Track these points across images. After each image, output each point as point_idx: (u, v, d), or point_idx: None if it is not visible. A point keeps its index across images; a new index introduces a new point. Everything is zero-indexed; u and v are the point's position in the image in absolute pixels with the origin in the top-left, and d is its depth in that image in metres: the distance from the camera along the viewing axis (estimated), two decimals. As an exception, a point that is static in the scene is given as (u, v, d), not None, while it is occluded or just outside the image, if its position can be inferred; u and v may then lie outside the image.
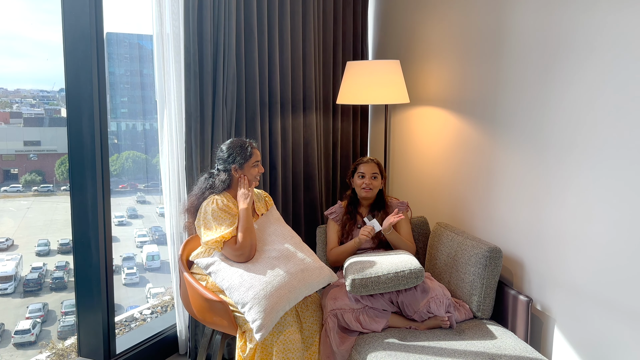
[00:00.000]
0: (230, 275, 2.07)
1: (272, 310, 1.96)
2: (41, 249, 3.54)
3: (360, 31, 3.37)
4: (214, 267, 2.13)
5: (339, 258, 2.51)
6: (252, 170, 2.25)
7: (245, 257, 2.10)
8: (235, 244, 2.10)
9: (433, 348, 2.04)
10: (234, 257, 2.11)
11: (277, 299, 1.99)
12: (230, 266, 2.10)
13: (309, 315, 2.23)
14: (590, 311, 2.04)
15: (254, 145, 2.28)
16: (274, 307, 1.97)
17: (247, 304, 1.98)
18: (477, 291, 2.28)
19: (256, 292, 1.98)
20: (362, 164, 2.61)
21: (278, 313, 1.99)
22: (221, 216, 2.14)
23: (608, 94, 1.92)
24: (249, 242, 2.10)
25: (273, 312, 1.97)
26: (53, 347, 2.76)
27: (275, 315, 1.98)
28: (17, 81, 3.42)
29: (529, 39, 2.29)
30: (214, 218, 2.14)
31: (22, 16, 3.14)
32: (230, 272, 2.08)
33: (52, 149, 3.51)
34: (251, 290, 1.99)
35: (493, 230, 2.56)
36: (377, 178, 2.59)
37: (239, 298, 2.00)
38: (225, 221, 2.13)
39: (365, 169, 2.58)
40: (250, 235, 2.11)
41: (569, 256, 2.13)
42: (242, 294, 2.00)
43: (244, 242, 2.09)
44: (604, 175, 1.96)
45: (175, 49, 2.41)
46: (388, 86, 2.79)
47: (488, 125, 2.56)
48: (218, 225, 2.12)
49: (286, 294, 2.02)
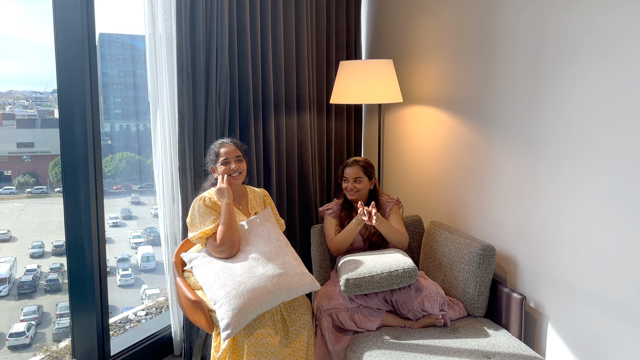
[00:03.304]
0: (208, 270, 2.07)
1: (242, 310, 1.91)
2: (35, 251, 3.52)
3: (353, 31, 3.38)
4: (195, 262, 2.14)
5: (341, 245, 2.49)
6: (219, 168, 2.26)
7: (226, 253, 2.10)
8: (215, 240, 2.11)
9: (427, 346, 2.05)
10: (216, 253, 2.12)
11: (248, 300, 1.93)
12: (210, 262, 2.10)
13: (296, 319, 2.15)
14: (584, 309, 2.05)
15: (224, 144, 2.28)
16: (243, 308, 1.92)
17: (217, 301, 1.96)
18: (471, 289, 2.29)
19: (228, 291, 1.96)
20: (347, 167, 2.59)
21: (248, 314, 1.93)
22: (206, 212, 2.17)
23: (601, 92, 1.94)
24: (228, 238, 2.10)
25: (242, 313, 1.91)
26: (47, 350, 2.75)
27: (244, 317, 1.92)
28: (10, 82, 3.41)
29: (521, 38, 2.30)
30: (199, 214, 2.17)
31: (14, 17, 3.13)
32: (208, 268, 2.08)
33: (45, 151, 3.50)
34: (223, 289, 1.97)
35: (487, 229, 2.57)
36: (361, 181, 2.56)
37: (212, 294, 1.99)
38: (209, 217, 2.16)
39: (348, 173, 2.57)
40: (230, 231, 2.11)
41: (562, 254, 2.14)
42: (215, 291, 1.99)
43: (223, 238, 2.09)
44: (596, 173, 1.97)
45: (167, 49, 2.41)
46: (381, 86, 2.80)
47: (481, 124, 2.57)
48: (202, 222, 2.15)
49: (259, 297, 1.95)
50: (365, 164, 2.59)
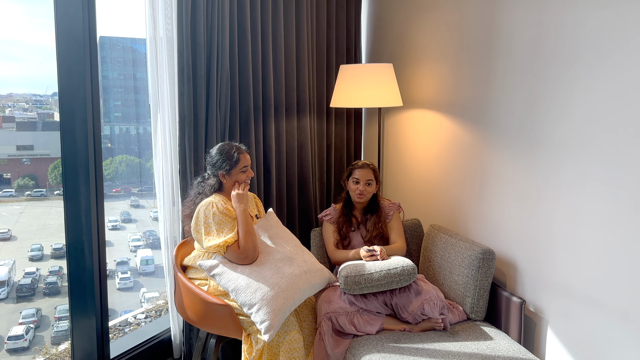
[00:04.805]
0: (235, 277, 2.07)
1: (280, 311, 1.99)
2: (34, 254, 3.52)
3: (353, 35, 3.39)
4: (217, 270, 2.11)
5: (340, 262, 2.52)
6: (240, 176, 2.25)
7: (249, 260, 2.11)
8: (238, 248, 2.10)
9: (427, 350, 2.05)
10: (238, 260, 2.10)
11: (284, 300, 2.02)
12: (235, 268, 2.10)
13: (307, 314, 2.28)
14: (583, 312, 2.05)
15: (242, 150, 2.26)
16: (281, 308, 2.00)
17: (255, 304, 1.99)
18: (471, 293, 2.29)
19: (264, 294, 2.00)
20: (358, 169, 2.59)
21: (285, 314, 2.02)
22: (222, 220, 2.13)
23: (599, 95, 1.94)
24: (251, 244, 2.11)
25: (280, 313, 2.00)
26: (46, 353, 2.74)
27: (282, 316, 2.01)
28: (10, 85, 3.41)
29: (520, 41, 2.31)
30: (215, 222, 2.12)
31: (16, 20, 3.13)
32: (235, 275, 2.08)
33: (45, 153, 3.50)
34: (259, 292, 2.00)
35: (486, 232, 2.57)
36: (372, 184, 2.58)
37: (246, 300, 2.00)
38: (227, 225, 2.13)
39: (360, 175, 2.57)
40: (251, 238, 2.12)
41: (561, 258, 2.14)
42: (250, 296, 2.00)
43: (246, 246, 2.10)
44: (595, 177, 1.97)
45: (168, 53, 2.42)
46: (381, 89, 2.80)
47: (481, 127, 2.58)
48: (220, 230, 2.12)
49: (292, 295, 2.06)
50: (374, 167, 2.61)
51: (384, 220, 2.60)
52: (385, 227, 2.59)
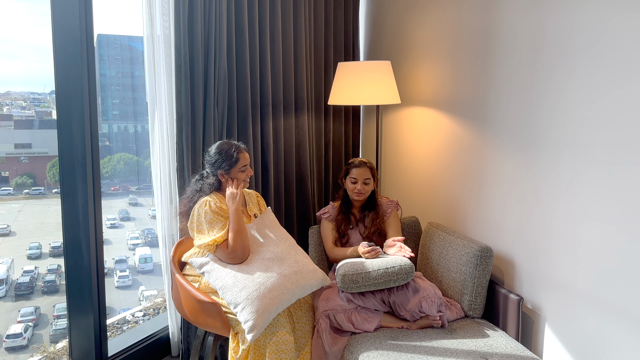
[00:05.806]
0: (223, 275, 2.07)
1: (265, 311, 1.97)
2: (32, 252, 3.51)
3: (351, 32, 3.38)
4: (207, 267, 2.12)
5: (338, 259, 2.51)
6: (239, 175, 2.24)
7: (238, 259, 2.10)
8: (227, 248, 2.10)
9: (425, 347, 2.05)
10: (227, 259, 2.10)
11: (270, 300, 1.99)
12: (224, 266, 2.10)
13: (302, 316, 2.23)
14: (581, 309, 2.05)
15: (241, 149, 2.25)
16: (266, 308, 1.97)
17: (239, 304, 1.98)
18: (469, 290, 2.29)
19: (249, 293, 1.98)
20: (355, 167, 2.58)
21: (270, 314, 1.99)
22: (213, 219, 2.13)
23: (598, 94, 1.94)
24: (240, 244, 2.10)
25: (265, 313, 1.97)
26: (45, 351, 2.74)
27: (267, 317, 1.98)
28: (8, 83, 3.40)
29: (519, 39, 2.31)
30: (207, 221, 2.13)
31: (12, 18, 3.12)
32: (223, 272, 2.08)
33: (43, 152, 3.49)
34: (244, 291, 1.99)
35: (484, 230, 2.57)
36: (369, 183, 2.58)
37: (232, 298, 2.00)
38: (218, 224, 2.13)
39: (358, 174, 2.57)
40: (241, 237, 2.11)
41: (559, 255, 2.14)
42: (235, 294, 2.00)
43: (235, 245, 2.09)
44: (594, 174, 1.97)
45: (166, 51, 2.41)
46: (379, 87, 2.80)
47: (479, 125, 2.58)
48: (210, 229, 2.12)
49: (279, 296, 2.02)
50: (372, 165, 2.60)
51: (382, 217, 2.61)
52: (383, 224, 2.59)
